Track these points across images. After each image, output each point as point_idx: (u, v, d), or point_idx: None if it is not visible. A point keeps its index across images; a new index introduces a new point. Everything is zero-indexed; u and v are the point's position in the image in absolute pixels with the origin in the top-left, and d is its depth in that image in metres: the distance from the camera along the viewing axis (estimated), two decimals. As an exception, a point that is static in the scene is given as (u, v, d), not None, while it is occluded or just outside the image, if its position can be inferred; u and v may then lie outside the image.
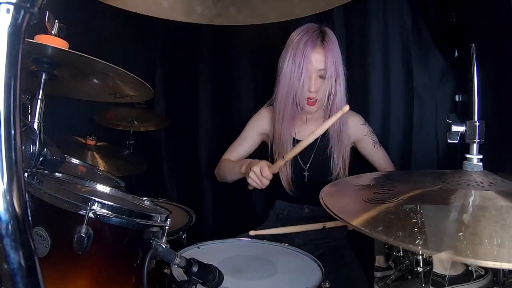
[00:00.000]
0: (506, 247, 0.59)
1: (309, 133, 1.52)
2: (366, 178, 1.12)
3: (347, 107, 1.22)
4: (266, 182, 1.36)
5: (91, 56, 0.92)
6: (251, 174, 1.35)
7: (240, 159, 1.65)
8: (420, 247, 0.60)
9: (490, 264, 0.56)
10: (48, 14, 0.95)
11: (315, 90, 1.45)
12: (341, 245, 1.55)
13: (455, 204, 0.75)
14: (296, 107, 1.51)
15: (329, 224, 1.33)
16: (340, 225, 1.38)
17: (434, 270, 0.86)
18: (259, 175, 1.34)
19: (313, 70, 1.44)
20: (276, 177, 1.55)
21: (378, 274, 1.06)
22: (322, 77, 1.45)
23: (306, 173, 1.56)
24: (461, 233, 0.63)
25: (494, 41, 1.39)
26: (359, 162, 1.67)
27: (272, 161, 1.58)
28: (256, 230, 1.35)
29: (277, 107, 1.55)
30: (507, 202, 0.72)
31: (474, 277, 0.86)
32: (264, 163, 1.36)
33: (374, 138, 1.62)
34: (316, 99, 1.47)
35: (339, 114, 1.25)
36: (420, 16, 1.79)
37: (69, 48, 0.96)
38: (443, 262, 0.85)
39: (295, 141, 1.56)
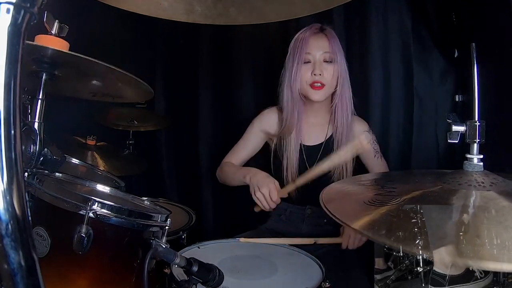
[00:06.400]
0: (507, 248, 0.58)
1: (316, 137, 1.55)
2: (366, 179, 1.11)
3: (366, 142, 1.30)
4: (273, 206, 1.34)
5: (91, 57, 0.92)
6: (259, 195, 1.33)
7: (243, 163, 1.64)
8: (420, 248, 0.60)
9: (491, 266, 0.55)
10: (48, 14, 0.95)
11: (319, 73, 1.43)
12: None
13: (456, 205, 0.74)
14: (301, 97, 1.49)
15: (321, 240, 1.30)
16: (333, 242, 1.37)
17: (434, 269, 0.86)
18: (269, 200, 1.32)
19: (317, 53, 1.45)
20: (280, 178, 1.55)
21: (378, 277, 1.06)
22: (326, 60, 1.46)
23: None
24: (462, 234, 0.63)
25: (494, 41, 1.39)
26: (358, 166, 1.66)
27: (275, 167, 1.57)
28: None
29: (284, 104, 1.53)
30: (509, 202, 0.72)
31: (475, 277, 0.86)
32: (272, 185, 1.33)
33: (376, 148, 1.58)
34: (323, 84, 1.45)
35: (355, 146, 1.30)
36: (420, 16, 1.79)
37: (69, 48, 0.96)
38: (443, 263, 0.85)
39: (302, 147, 1.54)
